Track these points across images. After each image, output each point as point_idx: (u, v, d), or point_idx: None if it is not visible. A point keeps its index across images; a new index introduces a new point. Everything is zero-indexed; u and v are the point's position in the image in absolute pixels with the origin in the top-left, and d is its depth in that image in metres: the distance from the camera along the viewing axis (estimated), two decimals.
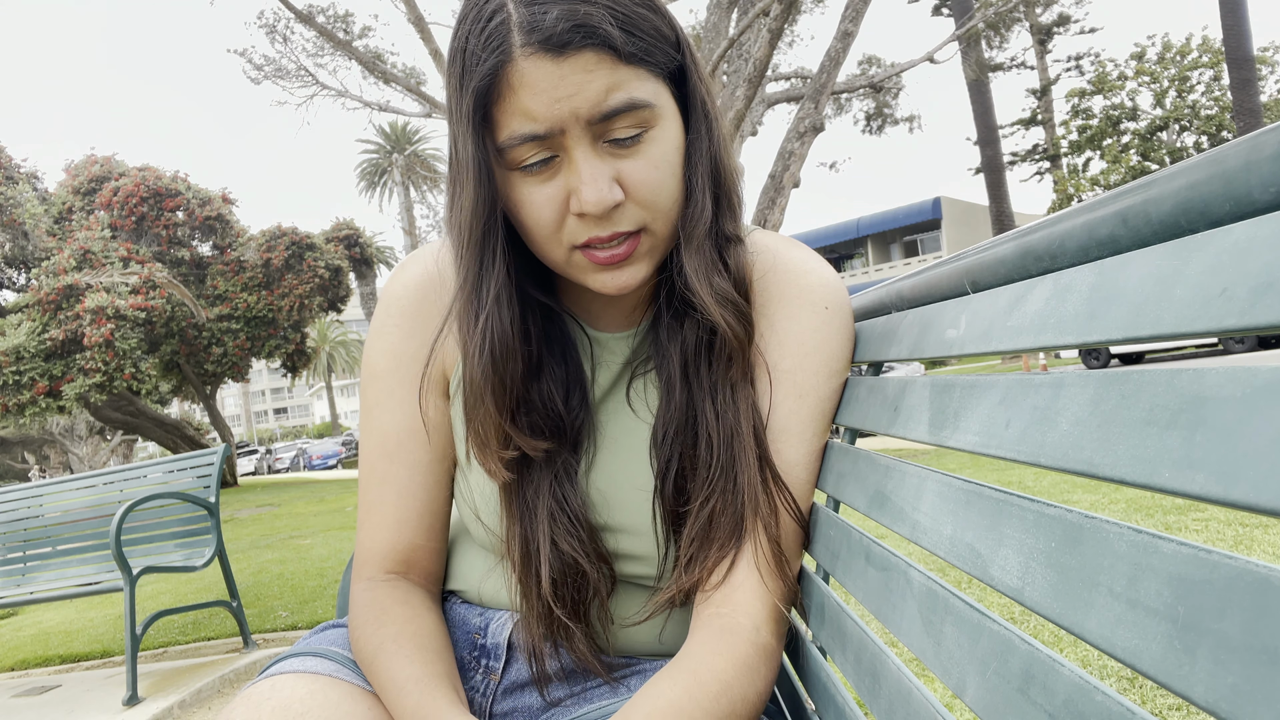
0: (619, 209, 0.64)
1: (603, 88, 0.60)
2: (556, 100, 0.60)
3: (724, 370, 0.71)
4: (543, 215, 0.65)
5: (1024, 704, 0.39)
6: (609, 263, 0.66)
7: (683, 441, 0.71)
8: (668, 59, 0.65)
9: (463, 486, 0.79)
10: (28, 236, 14.79)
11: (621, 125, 0.62)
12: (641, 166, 0.64)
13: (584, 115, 0.61)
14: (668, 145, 0.65)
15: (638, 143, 0.64)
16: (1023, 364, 19.54)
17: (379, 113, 10.16)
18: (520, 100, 0.60)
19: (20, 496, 3.61)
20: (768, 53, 6.21)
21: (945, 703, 1.72)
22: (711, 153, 0.70)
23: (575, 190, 0.63)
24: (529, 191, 0.64)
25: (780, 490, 0.70)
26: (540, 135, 0.61)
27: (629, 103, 0.61)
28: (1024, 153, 29.85)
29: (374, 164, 40.10)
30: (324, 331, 50.63)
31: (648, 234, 0.66)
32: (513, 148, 0.62)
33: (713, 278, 0.69)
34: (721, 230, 0.71)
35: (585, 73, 0.60)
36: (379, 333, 0.79)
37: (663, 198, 0.66)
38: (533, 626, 0.73)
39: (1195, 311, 0.31)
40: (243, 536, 7.99)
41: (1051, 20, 24.48)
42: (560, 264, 0.68)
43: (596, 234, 0.64)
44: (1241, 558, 0.27)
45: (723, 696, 0.61)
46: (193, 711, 2.76)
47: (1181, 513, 3.89)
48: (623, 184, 0.64)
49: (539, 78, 0.60)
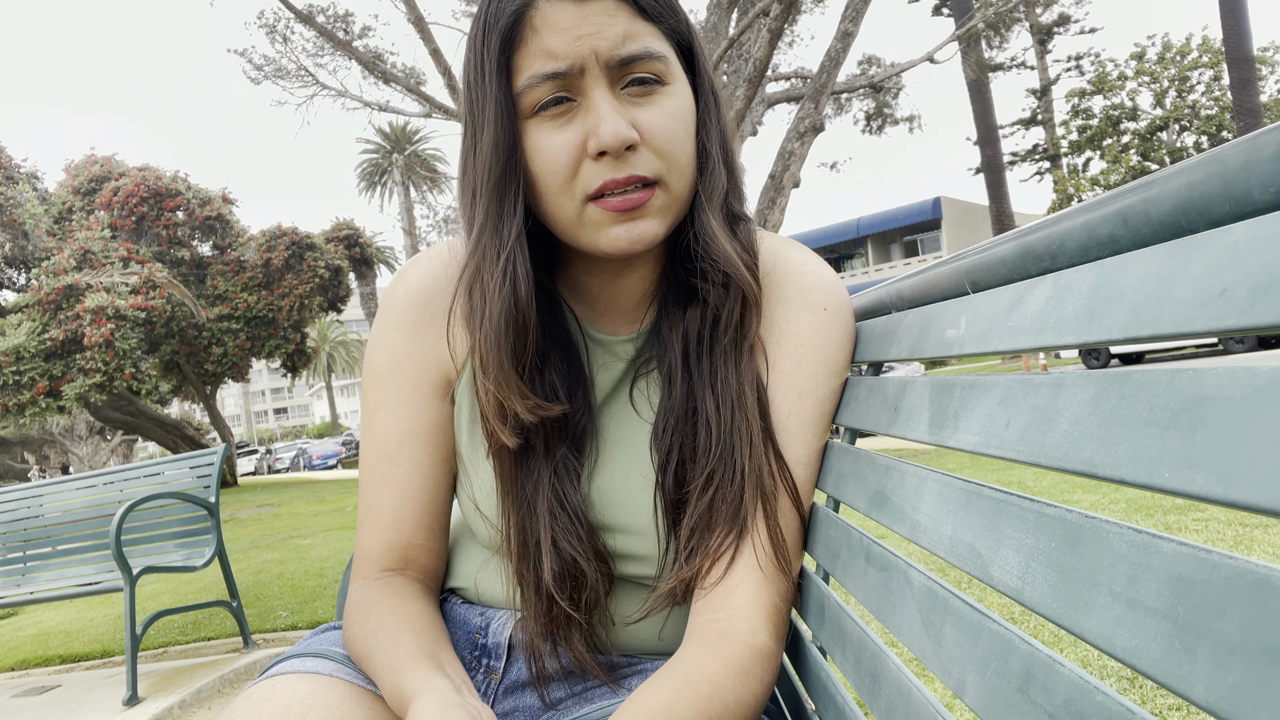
0: (635, 151, 0.65)
1: (621, 32, 0.64)
2: (577, 38, 0.63)
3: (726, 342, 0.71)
4: (559, 161, 0.65)
5: (1024, 704, 0.39)
6: (623, 209, 0.65)
7: (683, 431, 0.71)
8: (680, 32, 0.68)
9: (463, 480, 0.79)
10: (28, 236, 14.79)
11: (639, 70, 0.65)
12: (657, 115, 0.66)
13: (604, 55, 0.63)
14: (680, 104, 0.67)
15: (654, 92, 0.66)
16: (1023, 364, 19.54)
17: (379, 113, 10.16)
18: (542, 40, 0.63)
19: (20, 496, 3.61)
20: (768, 53, 6.21)
21: (945, 703, 1.72)
22: (720, 129, 0.72)
23: (593, 130, 0.64)
24: (545, 138, 0.65)
25: (782, 468, 0.69)
26: (561, 73, 0.63)
27: (646, 51, 0.64)
28: (1024, 153, 29.86)
29: (374, 164, 40.10)
30: (324, 331, 50.64)
31: (662, 188, 0.67)
32: (532, 88, 0.64)
33: (731, 239, 0.70)
34: (730, 206, 0.72)
35: (605, 15, 0.63)
36: (381, 335, 0.79)
37: (678, 150, 0.67)
38: (530, 624, 0.73)
39: (1195, 311, 0.31)
40: (243, 536, 7.99)
41: (1051, 20, 24.49)
42: (573, 220, 0.67)
43: (613, 175, 0.64)
44: (1241, 558, 0.27)
45: (714, 697, 0.61)
46: (193, 711, 2.76)
47: (1181, 513, 3.89)
48: (639, 129, 0.65)
49: (560, 17, 0.63)
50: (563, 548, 0.70)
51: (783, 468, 0.70)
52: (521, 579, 0.72)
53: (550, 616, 0.71)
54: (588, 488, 0.74)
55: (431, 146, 41.01)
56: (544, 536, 0.70)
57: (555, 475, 0.72)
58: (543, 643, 0.73)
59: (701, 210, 0.70)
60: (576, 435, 0.74)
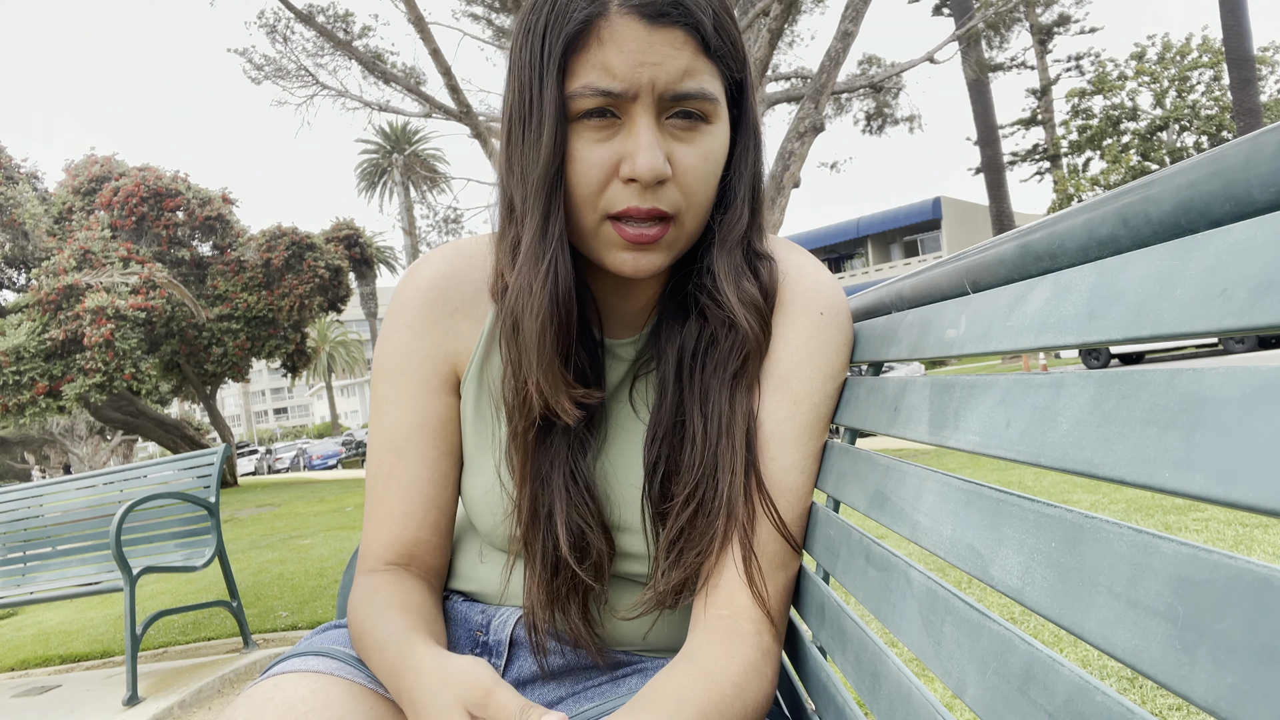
0: (663, 186, 0.65)
1: (684, 67, 0.63)
2: (640, 64, 0.62)
3: (723, 374, 0.71)
4: (590, 174, 0.65)
5: (1024, 704, 0.39)
6: (635, 241, 0.66)
7: (670, 444, 0.72)
8: (736, 69, 0.68)
9: (469, 473, 0.79)
10: (28, 236, 14.80)
11: (688, 106, 0.65)
12: (693, 154, 0.66)
13: (660, 87, 0.63)
14: (717, 146, 0.68)
15: (696, 129, 0.66)
16: (1023, 364, 19.54)
17: (379, 113, 10.16)
18: (605, 54, 0.63)
19: (20, 496, 3.61)
20: (768, 53, 6.21)
21: (945, 703, 1.72)
22: (754, 170, 0.72)
23: (630, 155, 0.64)
24: (582, 148, 0.66)
25: (764, 500, 0.70)
26: (615, 93, 0.63)
27: (701, 91, 0.64)
28: (1024, 153, 29.86)
29: (374, 164, 40.12)
30: (324, 331, 50.64)
31: (676, 224, 0.67)
32: (583, 97, 0.64)
33: (741, 282, 0.71)
34: (753, 244, 0.73)
35: (672, 47, 0.63)
36: (390, 331, 0.80)
37: (701, 192, 0.67)
38: (534, 595, 0.73)
39: (1195, 311, 0.31)
40: (243, 536, 7.99)
41: (1051, 20, 24.47)
42: (589, 231, 0.68)
43: (636, 205, 0.65)
44: (1241, 558, 0.27)
45: (736, 699, 0.62)
46: (193, 711, 2.76)
47: (1181, 513, 3.89)
48: (673, 164, 0.65)
49: (629, 37, 0.62)
50: (573, 519, 0.71)
51: (763, 492, 0.70)
52: (528, 549, 0.73)
53: (554, 585, 0.72)
54: (594, 467, 0.75)
55: (431, 146, 40.98)
56: (557, 508, 0.71)
57: (571, 450, 0.73)
58: (545, 613, 0.73)
59: (716, 247, 0.71)
60: (590, 417, 0.75)
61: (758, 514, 0.70)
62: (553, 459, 0.73)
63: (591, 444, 0.75)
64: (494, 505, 0.76)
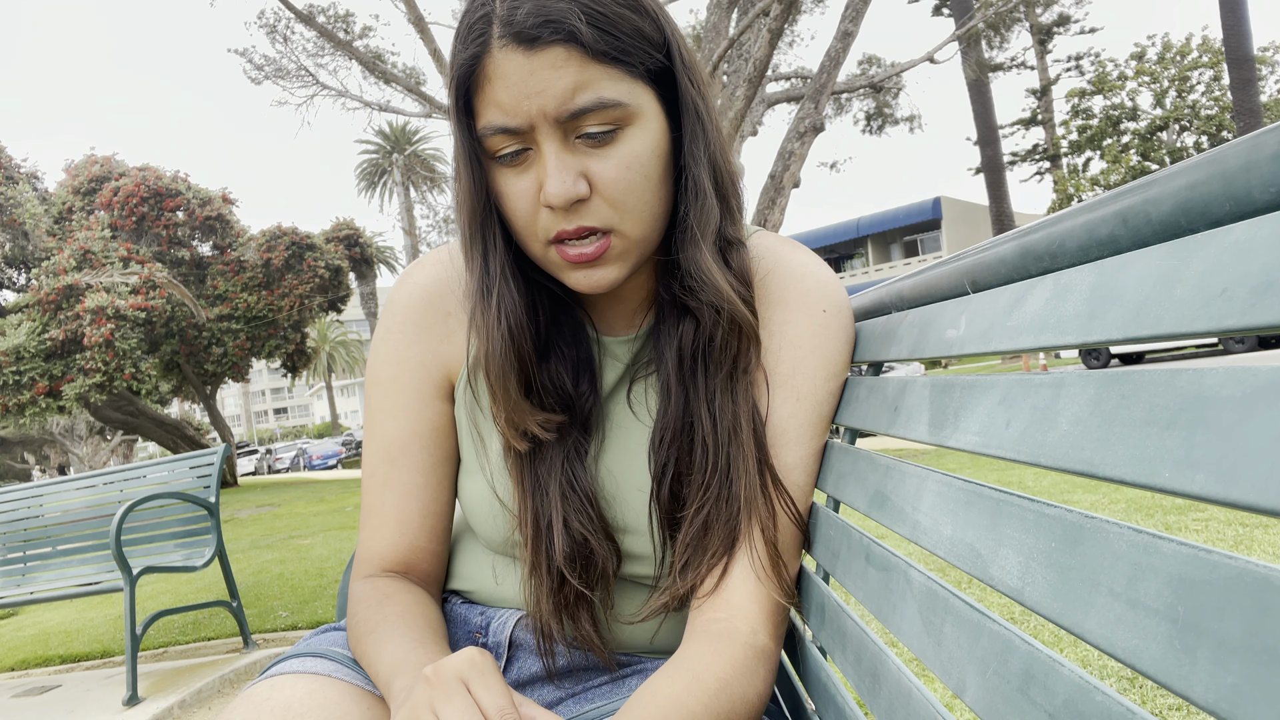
0: (585, 204, 0.65)
1: (570, 86, 0.61)
2: (525, 97, 0.62)
3: (724, 373, 0.71)
4: (518, 207, 0.66)
5: (1024, 704, 0.39)
6: (578, 261, 0.66)
7: (679, 446, 0.72)
8: (649, 59, 0.65)
9: (465, 478, 0.79)
10: (28, 236, 14.79)
11: (591, 122, 0.63)
12: (611, 165, 0.64)
13: (551, 114, 0.62)
14: (641, 146, 0.65)
15: (609, 141, 0.64)
16: (1023, 364, 19.54)
17: (379, 113, 10.16)
18: (495, 91, 0.62)
19: (20, 496, 3.61)
20: (768, 53, 6.21)
21: (945, 703, 1.72)
22: (710, 153, 0.69)
23: (542, 183, 0.64)
24: (507, 183, 0.66)
25: (780, 494, 0.70)
26: (512, 129, 0.63)
27: (597, 102, 0.62)
28: (1024, 153, 29.84)
29: (374, 164, 40.11)
30: (324, 331, 50.63)
31: (618, 236, 0.66)
32: (488, 137, 0.64)
33: (720, 272, 0.70)
34: (723, 233, 0.71)
35: (553, 69, 0.61)
36: (383, 339, 0.80)
37: (633, 198, 0.66)
38: (542, 605, 0.73)
39: (1195, 311, 0.31)
40: (243, 536, 7.99)
41: (1051, 20, 24.47)
42: (540, 257, 0.69)
43: (563, 227, 0.65)
44: (1241, 558, 0.27)
45: (721, 694, 0.62)
46: (193, 711, 2.76)
47: (1181, 513, 3.89)
48: (591, 181, 0.64)
49: (511, 70, 0.61)
50: (574, 527, 0.71)
51: (779, 486, 0.70)
52: (534, 559, 0.73)
53: (561, 594, 0.72)
54: (594, 470, 0.75)
55: (431, 146, 40.97)
56: (556, 517, 0.71)
57: (567, 458, 0.73)
58: (555, 622, 0.73)
59: (694, 244, 0.69)
60: (584, 420, 0.75)
61: (777, 510, 0.70)
62: (549, 469, 0.72)
63: (589, 447, 0.75)
64: (490, 509, 0.76)
